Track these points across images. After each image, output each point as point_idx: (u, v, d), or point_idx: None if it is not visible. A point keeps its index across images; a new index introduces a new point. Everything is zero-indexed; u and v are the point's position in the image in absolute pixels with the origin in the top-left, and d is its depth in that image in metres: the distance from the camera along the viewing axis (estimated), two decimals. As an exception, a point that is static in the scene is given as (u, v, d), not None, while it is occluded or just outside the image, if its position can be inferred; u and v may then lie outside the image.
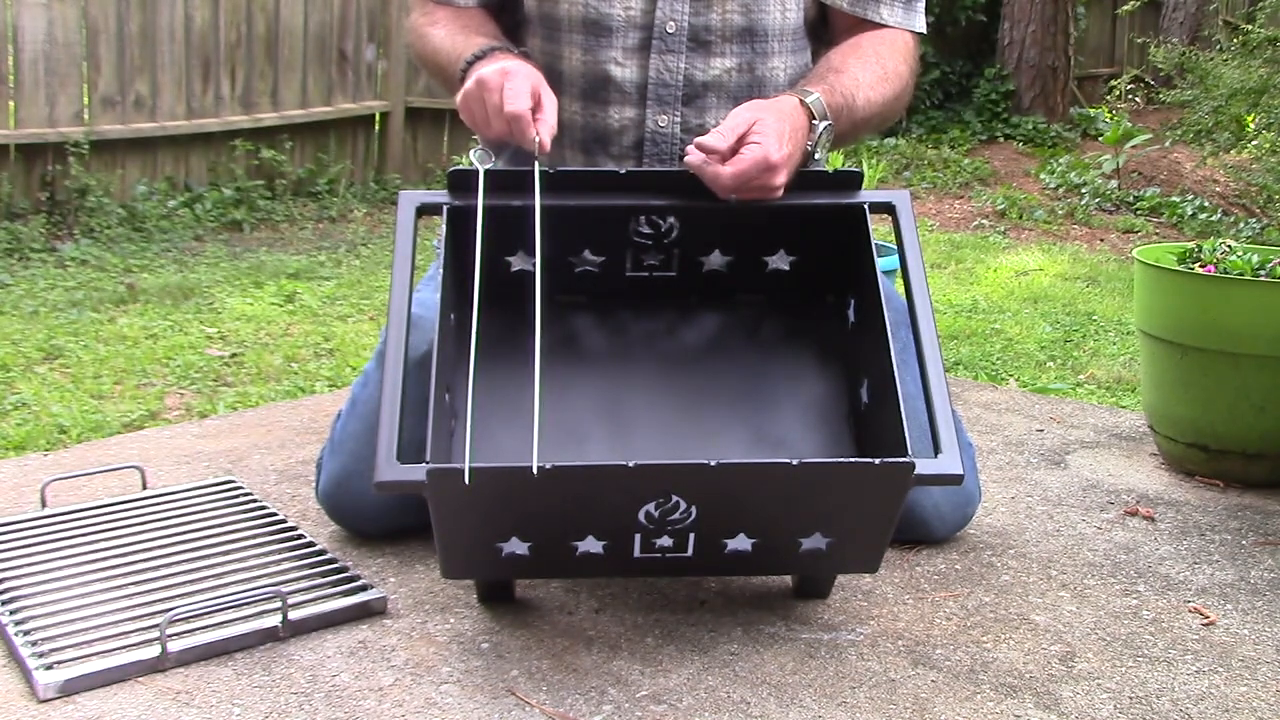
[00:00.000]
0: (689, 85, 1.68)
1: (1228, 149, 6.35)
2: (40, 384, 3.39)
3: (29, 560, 1.59)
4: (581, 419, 1.53)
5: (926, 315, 1.42)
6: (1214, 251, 2.05)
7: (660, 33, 1.65)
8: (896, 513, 1.34)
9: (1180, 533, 1.84)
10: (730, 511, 1.33)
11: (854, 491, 1.32)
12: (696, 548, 1.35)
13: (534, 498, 1.28)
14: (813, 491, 1.31)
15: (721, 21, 1.67)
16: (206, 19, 5.79)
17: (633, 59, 1.67)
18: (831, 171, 1.51)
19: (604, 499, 1.29)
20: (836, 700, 1.34)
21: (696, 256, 1.56)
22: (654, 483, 1.27)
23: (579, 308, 1.59)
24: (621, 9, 1.66)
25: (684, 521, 1.31)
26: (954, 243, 5.84)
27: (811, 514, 1.34)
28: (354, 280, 4.83)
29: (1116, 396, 3.52)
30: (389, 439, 1.27)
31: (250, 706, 1.30)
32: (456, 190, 1.47)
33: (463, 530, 1.34)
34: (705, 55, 1.67)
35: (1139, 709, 1.35)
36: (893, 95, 1.67)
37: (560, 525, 1.32)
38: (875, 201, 1.51)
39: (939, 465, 1.32)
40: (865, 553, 1.42)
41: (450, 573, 1.42)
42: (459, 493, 1.25)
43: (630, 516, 1.29)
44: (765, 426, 1.55)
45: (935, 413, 1.35)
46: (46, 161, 5.31)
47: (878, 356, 1.43)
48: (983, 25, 9.04)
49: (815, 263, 1.57)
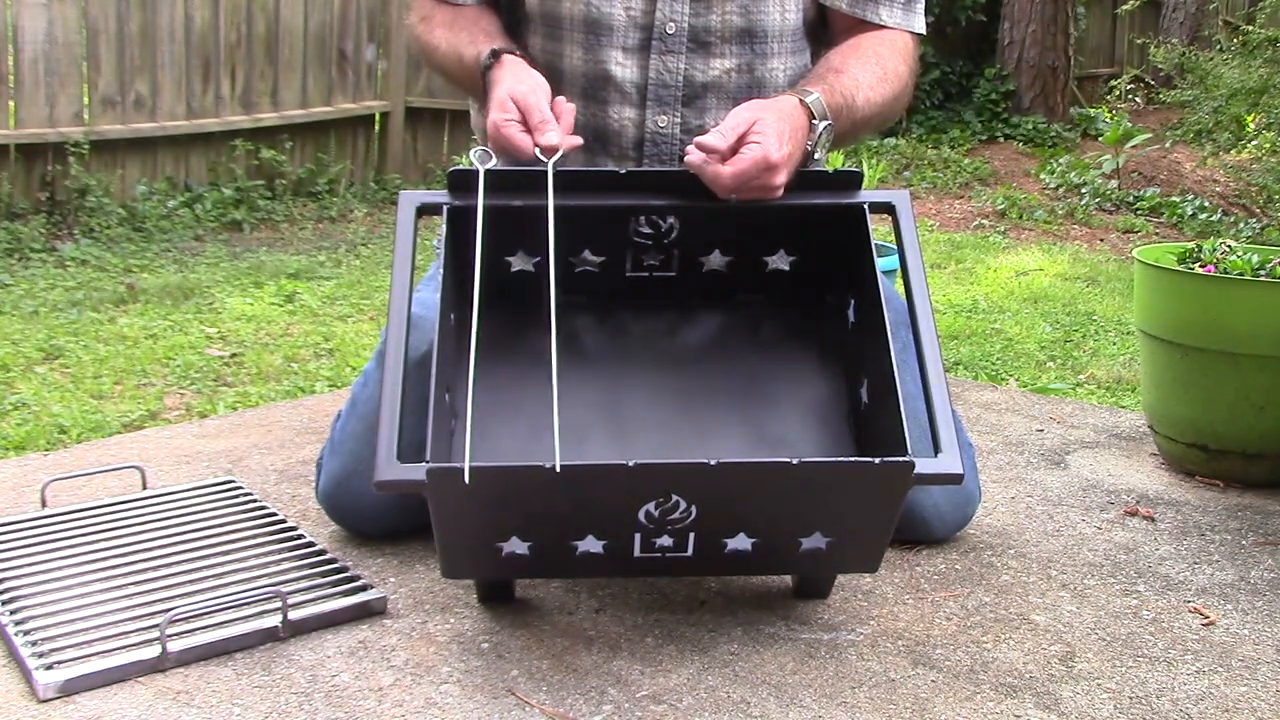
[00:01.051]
0: (689, 86, 1.68)
1: (1228, 149, 6.35)
2: (40, 384, 3.39)
3: (29, 560, 1.59)
4: (582, 419, 1.53)
5: (926, 315, 1.42)
6: (1214, 251, 2.05)
7: (660, 33, 1.66)
8: (896, 512, 1.34)
9: (1180, 533, 1.84)
10: (730, 511, 1.33)
11: (854, 491, 1.32)
12: (696, 547, 1.35)
13: (534, 497, 1.28)
14: (812, 491, 1.31)
15: (721, 22, 1.67)
16: (206, 19, 5.79)
17: (633, 59, 1.67)
18: (831, 172, 1.51)
19: (604, 498, 1.29)
20: (836, 700, 1.34)
21: (697, 256, 1.56)
22: (654, 482, 1.27)
23: (579, 307, 1.59)
24: (622, 9, 1.66)
25: (684, 521, 1.31)
26: (954, 243, 5.84)
27: (811, 513, 1.34)
28: (354, 280, 4.83)
29: (1116, 396, 3.53)
30: (389, 438, 1.27)
31: (250, 706, 1.30)
32: (456, 190, 1.47)
33: (463, 530, 1.34)
34: (705, 56, 1.68)
35: (1139, 709, 1.35)
36: (892, 95, 1.67)
37: (560, 525, 1.32)
38: (875, 201, 1.51)
39: (939, 465, 1.32)
40: (865, 552, 1.42)
41: (450, 572, 1.42)
42: (459, 492, 1.25)
43: (630, 516, 1.29)
44: (765, 426, 1.55)
45: (935, 412, 1.35)
46: (46, 161, 5.31)
47: (878, 356, 1.43)
48: (983, 25, 9.03)
49: (815, 262, 1.57)
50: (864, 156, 7.08)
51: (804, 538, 1.36)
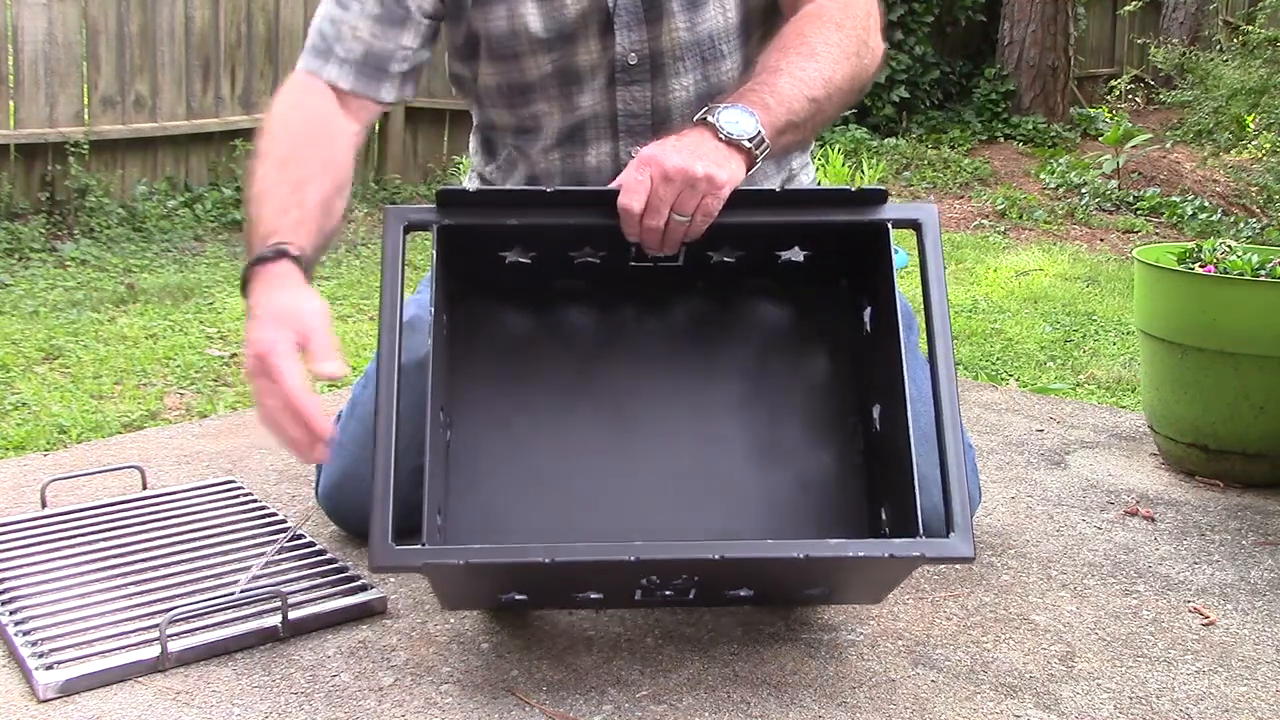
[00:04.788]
0: (656, 112, 1.66)
1: (1228, 149, 6.35)
2: (40, 384, 3.39)
3: (29, 560, 1.59)
4: (583, 421, 1.52)
5: (947, 356, 1.35)
6: (1214, 251, 2.05)
7: (623, 65, 1.63)
8: (903, 580, 1.37)
9: (1180, 533, 1.84)
10: (732, 580, 1.34)
11: (860, 570, 1.33)
12: (698, 597, 1.39)
13: (532, 576, 1.29)
14: (818, 567, 1.31)
15: (671, 42, 1.63)
16: (206, 19, 5.79)
17: (602, 96, 1.65)
18: (855, 189, 1.45)
19: (605, 576, 1.31)
20: (836, 700, 1.34)
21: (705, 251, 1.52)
22: (657, 568, 1.28)
23: (581, 299, 1.56)
24: (585, 53, 1.63)
25: (686, 586, 1.33)
26: (954, 243, 5.84)
27: (816, 578, 1.35)
28: (354, 280, 4.83)
29: (1116, 396, 3.53)
30: (382, 519, 1.25)
31: (250, 706, 1.30)
32: (445, 208, 1.42)
33: (462, 590, 1.35)
34: (664, 77, 1.65)
35: (1139, 709, 1.35)
36: (844, 73, 1.52)
37: (561, 587, 1.35)
38: (899, 219, 1.43)
39: (949, 548, 1.28)
40: (869, 596, 1.46)
41: (449, 608, 1.43)
42: (456, 573, 1.26)
43: (632, 584, 1.32)
44: (774, 435, 1.52)
45: (951, 489, 1.30)
46: (46, 161, 5.31)
47: (890, 382, 1.40)
48: (983, 25, 9.04)
49: (832, 271, 1.53)
50: (864, 156, 7.09)
51: (808, 589, 1.39)
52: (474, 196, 1.42)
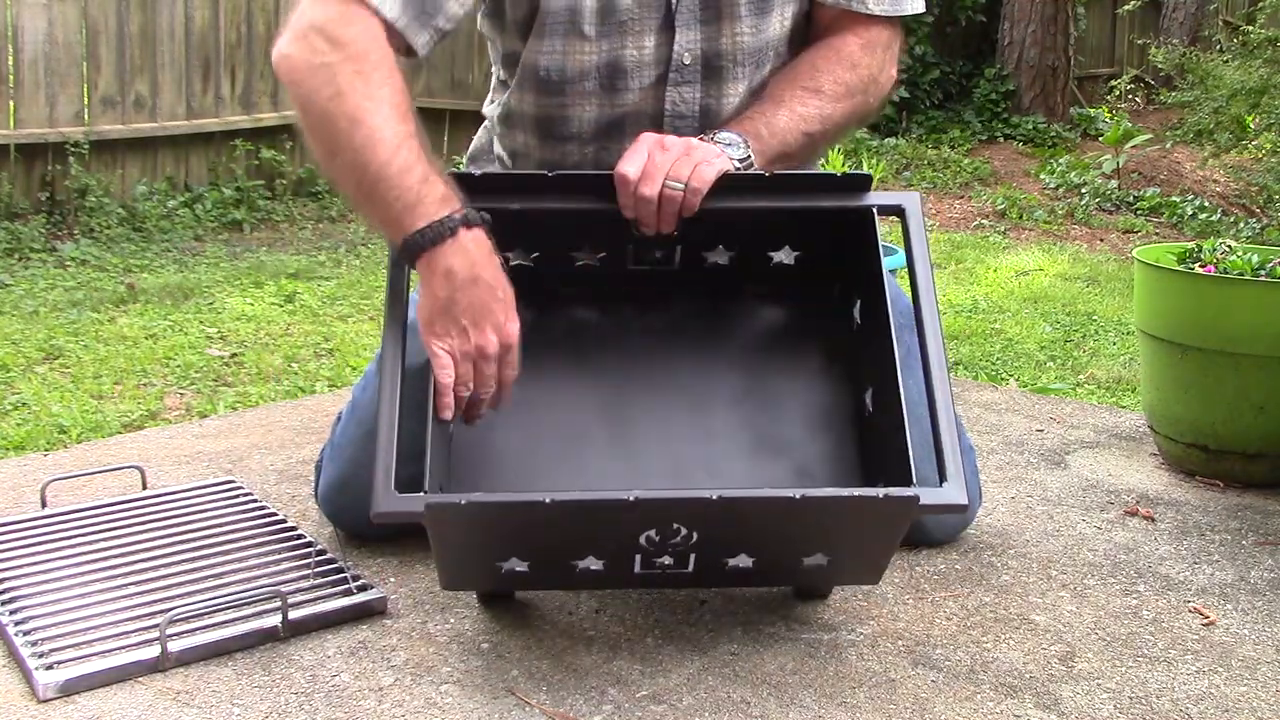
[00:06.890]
0: (705, 114, 1.63)
1: (1228, 149, 6.35)
2: (40, 384, 3.39)
3: (29, 560, 1.59)
4: (583, 420, 1.53)
5: (935, 333, 1.40)
6: (1214, 251, 2.05)
7: (678, 64, 1.61)
8: (899, 537, 1.35)
9: (1180, 533, 1.84)
10: (731, 536, 1.33)
11: (857, 520, 1.32)
12: (697, 566, 1.36)
13: (532, 526, 1.29)
14: (815, 519, 1.31)
15: (732, 45, 1.61)
16: (206, 19, 5.79)
17: (649, 94, 1.62)
18: (840, 174, 1.50)
19: (603, 527, 1.30)
20: (836, 700, 1.34)
21: (700, 253, 1.55)
22: (654, 514, 1.27)
23: (581, 301, 1.57)
24: (635, 48, 1.59)
25: (685, 545, 1.32)
26: (954, 243, 5.84)
27: (813, 538, 1.34)
28: (354, 280, 4.83)
29: (1116, 396, 3.53)
30: (385, 467, 1.26)
31: (250, 706, 1.30)
32: None
33: (462, 553, 1.35)
34: (718, 81, 1.62)
35: (1139, 709, 1.35)
36: (842, 111, 1.60)
37: (560, 548, 1.34)
38: (884, 205, 1.48)
39: (943, 495, 1.32)
40: (868, 568, 1.44)
41: (450, 586, 1.43)
42: (457, 522, 1.25)
43: (631, 540, 1.30)
44: (768, 428, 1.54)
45: (942, 438, 1.34)
46: (46, 161, 5.32)
47: (882, 364, 1.42)
48: (983, 25, 9.04)
49: (821, 263, 1.56)
50: (864, 156, 7.09)
51: (806, 557, 1.37)
52: (479, 182, 1.44)
